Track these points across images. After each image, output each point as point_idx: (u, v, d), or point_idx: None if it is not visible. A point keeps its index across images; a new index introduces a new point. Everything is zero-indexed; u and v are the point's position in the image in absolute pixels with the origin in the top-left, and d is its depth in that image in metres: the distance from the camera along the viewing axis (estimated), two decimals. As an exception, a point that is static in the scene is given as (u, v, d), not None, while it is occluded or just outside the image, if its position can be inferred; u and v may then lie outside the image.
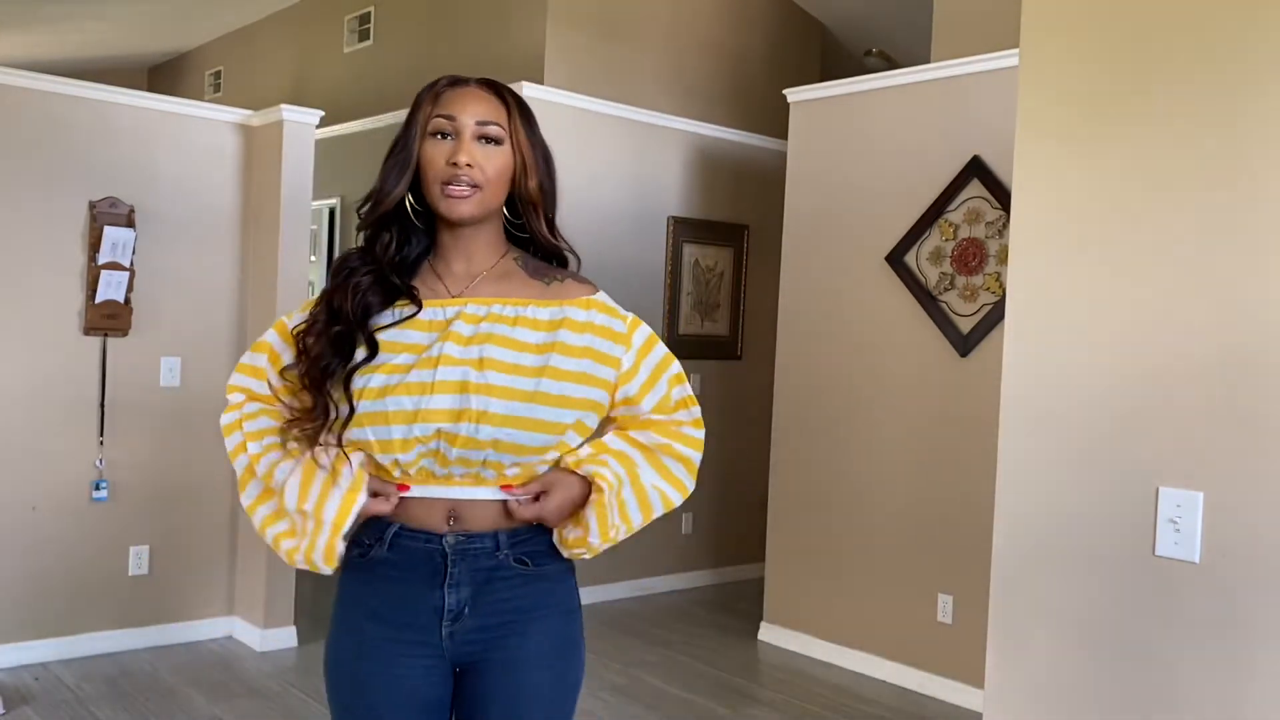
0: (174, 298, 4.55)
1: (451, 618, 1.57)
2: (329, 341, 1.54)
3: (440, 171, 1.54)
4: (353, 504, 1.52)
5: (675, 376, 1.71)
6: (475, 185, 1.55)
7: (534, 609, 1.61)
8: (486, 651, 1.59)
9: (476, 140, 1.56)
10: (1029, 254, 1.92)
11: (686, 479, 1.72)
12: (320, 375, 1.54)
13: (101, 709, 3.85)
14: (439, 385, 1.50)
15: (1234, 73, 1.68)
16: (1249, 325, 1.66)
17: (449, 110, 1.56)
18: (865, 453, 4.66)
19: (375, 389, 1.51)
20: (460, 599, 1.56)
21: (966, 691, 4.22)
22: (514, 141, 1.59)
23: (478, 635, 1.58)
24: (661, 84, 5.97)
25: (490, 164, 1.56)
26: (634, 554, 5.70)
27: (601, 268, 5.49)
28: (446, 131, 1.55)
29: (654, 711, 4.07)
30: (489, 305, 1.58)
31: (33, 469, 4.25)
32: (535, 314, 1.58)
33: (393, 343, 1.55)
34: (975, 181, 4.31)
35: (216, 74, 8.73)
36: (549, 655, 1.62)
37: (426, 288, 1.61)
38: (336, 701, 1.63)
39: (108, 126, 4.39)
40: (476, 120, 1.55)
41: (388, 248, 1.59)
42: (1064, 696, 1.86)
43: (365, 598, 1.60)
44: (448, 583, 1.56)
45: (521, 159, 1.59)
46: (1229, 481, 1.68)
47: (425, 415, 1.49)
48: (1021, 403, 1.93)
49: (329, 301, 1.58)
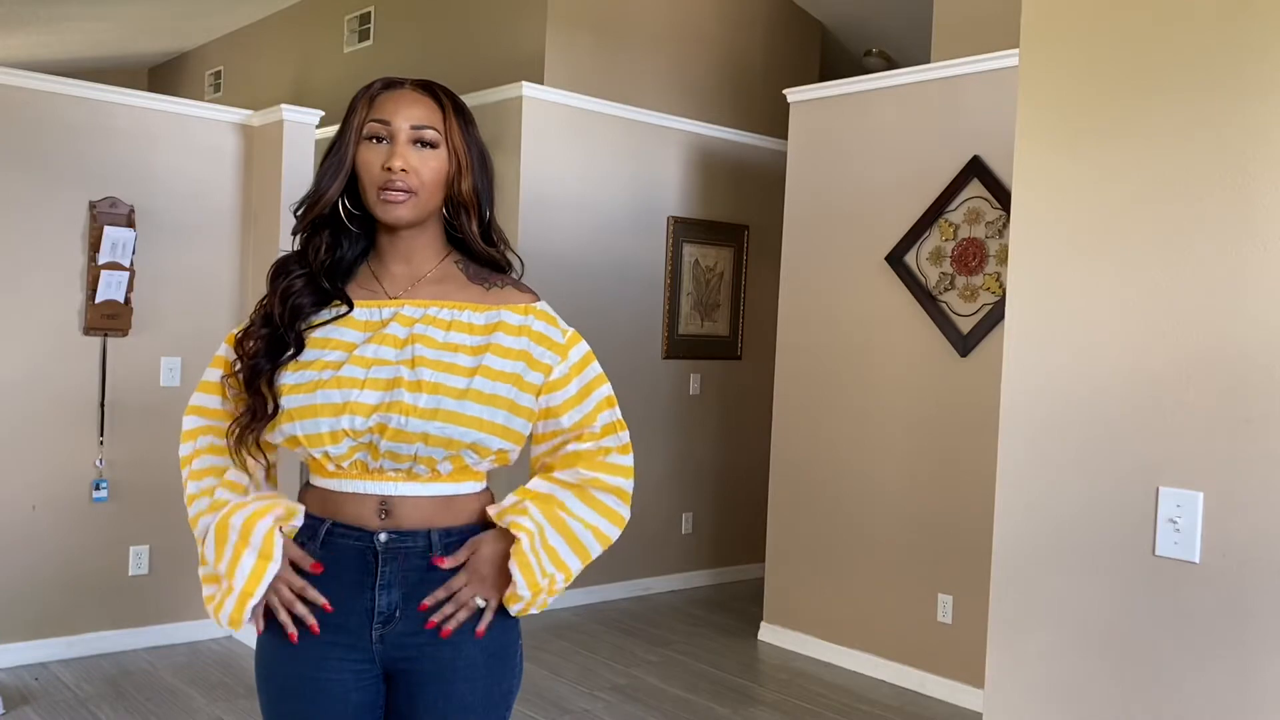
0: (174, 298, 4.55)
1: (382, 620, 1.56)
2: (262, 343, 1.57)
3: (375, 176, 1.55)
4: (263, 574, 1.54)
5: (606, 399, 1.67)
6: (410, 190, 1.55)
7: None
8: (419, 659, 1.57)
9: (412, 145, 1.56)
10: (1029, 254, 1.92)
11: (621, 508, 1.67)
12: (251, 374, 1.56)
13: (101, 709, 3.85)
14: (369, 382, 1.52)
15: (1232, 75, 1.68)
16: (1249, 325, 1.66)
17: (383, 114, 1.56)
18: (865, 453, 4.66)
19: (306, 384, 1.54)
20: (391, 601, 1.56)
21: (966, 691, 4.22)
22: (449, 144, 1.58)
23: (409, 640, 1.57)
24: (661, 84, 5.97)
25: (426, 168, 1.56)
26: (634, 554, 5.70)
27: (601, 268, 5.51)
28: (381, 135, 1.56)
29: (654, 711, 4.07)
30: (425, 307, 1.59)
31: (33, 469, 4.25)
32: (470, 318, 1.59)
33: (324, 339, 1.57)
34: (975, 181, 4.31)
35: (216, 74, 8.73)
36: (481, 665, 1.60)
37: (364, 289, 1.62)
38: (266, 703, 1.63)
39: (108, 126, 4.39)
40: (411, 125, 1.55)
41: (319, 250, 1.60)
42: (1064, 696, 1.86)
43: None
44: (379, 583, 1.55)
45: (457, 161, 1.59)
46: (1229, 481, 1.68)
47: (353, 408, 1.51)
48: (1021, 402, 1.93)
49: (264, 307, 1.61)
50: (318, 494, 1.60)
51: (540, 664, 4.52)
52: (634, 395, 5.66)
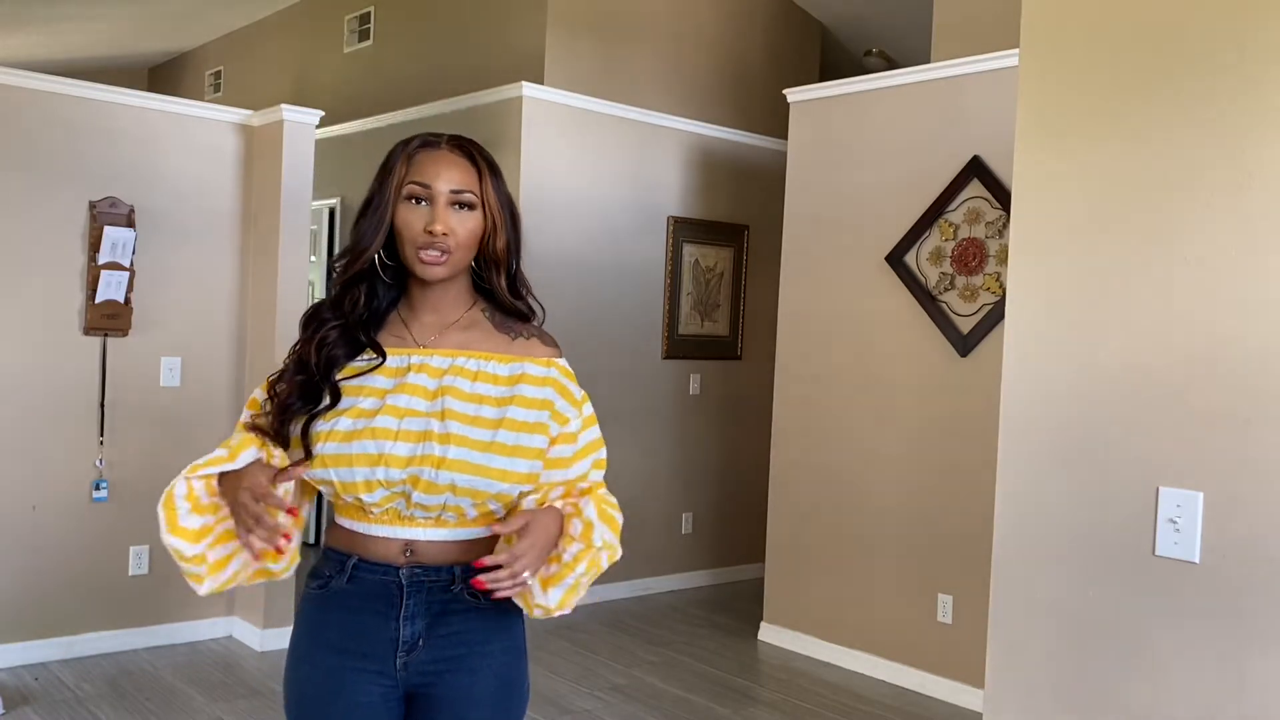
0: (174, 298, 4.55)
1: (406, 649, 1.62)
2: (296, 387, 1.63)
3: (416, 236, 1.60)
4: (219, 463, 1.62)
5: (600, 461, 1.74)
6: (448, 250, 1.61)
7: (485, 643, 1.66)
8: (438, 683, 1.64)
9: (450, 207, 1.61)
10: (1029, 254, 1.92)
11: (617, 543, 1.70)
12: (281, 412, 1.62)
13: (101, 709, 3.85)
14: (402, 434, 1.58)
15: (1232, 74, 1.68)
16: (1249, 325, 1.66)
17: (423, 178, 1.61)
18: (865, 452, 4.66)
19: (342, 432, 1.58)
20: (415, 631, 1.62)
21: (966, 691, 4.22)
22: (484, 204, 1.64)
23: (430, 666, 1.63)
24: (661, 84, 5.97)
25: (464, 229, 1.62)
26: (634, 554, 5.69)
27: (601, 268, 5.51)
28: (421, 197, 1.61)
29: (654, 711, 4.07)
30: (453, 358, 1.64)
31: (33, 469, 4.25)
32: (495, 369, 1.65)
33: (358, 387, 1.62)
34: (975, 181, 4.31)
35: (216, 74, 8.73)
36: (494, 695, 1.68)
37: (393, 336, 1.68)
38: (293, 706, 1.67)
39: (108, 126, 4.39)
40: (451, 189, 1.61)
41: (356, 303, 1.66)
42: (1064, 696, 1.86)
43: (324, 628, 1.65)
44: (403, 614, 1.61)
45: (492, 220, 1.65)
46: (1229, 481, 1.68)
47: (388, 460, 1.56)
48: (1021, 402, 1.93)
49: (298, 354, 1.65)
50: (344, 533, 1.66)
51: (540, 664, 4.51)
52: (634, 395, 5.66)
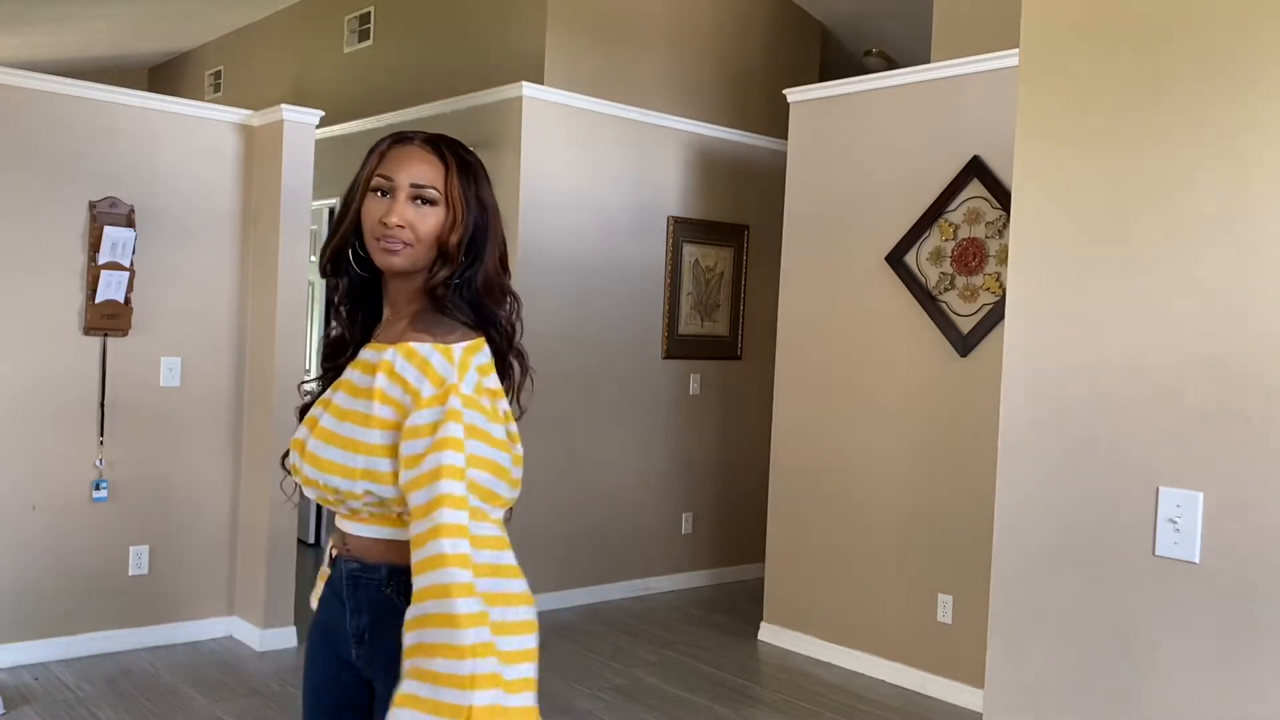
0: (174, 298, 4.55)
1: (356, 640, 1.66)
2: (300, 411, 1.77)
3: (374, 228, 1.62)
4: None
5: (450, 469, 1.44)
6: (406, 243, 1.61)
7: None
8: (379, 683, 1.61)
9: (411, 201, 1.61)
10: (1029, 254, 1.92)
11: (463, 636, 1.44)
12: None
13: (101, 709, 3.85)
14: (309, 424, 1.68)
15: (1232, 75, 1.68)
16: (1249, 324, 1.66)
17: (388, 170, 1.63)
18: (865, 452, 4.66)
19: None
20: (360, 625, 1.65)
21: (966, 691, 4.22)
22: (449, 200, 1.63)
23: (375, 663, 1.63)
24: (661, 84, 5.96)
25: (423, 224, 1.61)
26: (634, 554, 5.70)
27: (601, 268, 5.51)
28: (385, 189, 1.62)
29: (654, 711, 4.07)
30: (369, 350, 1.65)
31: (33, 469, 4.25)
32: (369, 357, 1.61)
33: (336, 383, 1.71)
34: (975, 181, 4.31)
35: (216, 74, 8.73)
36: None
37: None
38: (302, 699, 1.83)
39: (108, 126, 4.39)
40: (412, 182, 1.61)
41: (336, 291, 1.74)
42: (1064, 696, 1.86)
43: (320, 608, 1.78)
44: (349, 608, 1.66)
45: (453, 216, 1.63)
46: (1229, 481, 1.68)
47: (298, 453, 1.67)
48: (1021, 402, 1.93)
49: None
50: None
51: (540, 664, 4.51)
52: (634, 395, 5.67)
